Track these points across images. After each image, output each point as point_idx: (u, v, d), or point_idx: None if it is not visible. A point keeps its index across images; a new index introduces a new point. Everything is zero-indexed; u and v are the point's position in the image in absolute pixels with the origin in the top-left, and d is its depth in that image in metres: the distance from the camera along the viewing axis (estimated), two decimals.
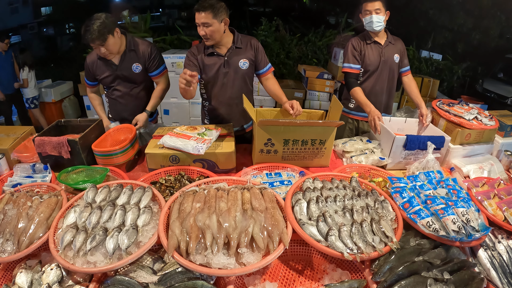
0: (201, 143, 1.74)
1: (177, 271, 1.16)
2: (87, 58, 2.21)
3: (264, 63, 2.15)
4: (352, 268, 1.29)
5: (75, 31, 9.14)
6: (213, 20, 1.88)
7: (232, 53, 2.06)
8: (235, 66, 2.08)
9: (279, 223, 1.22)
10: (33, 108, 5.01)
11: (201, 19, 1.89)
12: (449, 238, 1.24)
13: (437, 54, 6.24)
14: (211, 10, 1.85)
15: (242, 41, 2.09)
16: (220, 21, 1.91)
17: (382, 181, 1.72)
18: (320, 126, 1.76)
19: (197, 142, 1.75)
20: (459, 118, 1.97)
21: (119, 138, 2.05)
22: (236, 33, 2.09)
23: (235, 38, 2.07)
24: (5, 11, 9.47)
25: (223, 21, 1.93)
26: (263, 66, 2.15)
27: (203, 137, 1.82)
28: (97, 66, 2.19)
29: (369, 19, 2.25)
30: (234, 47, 2.06)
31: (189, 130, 1.89)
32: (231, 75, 2.10)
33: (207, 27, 1.90)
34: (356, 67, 2.35)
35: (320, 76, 4.60)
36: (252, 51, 2.10)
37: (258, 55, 2.12)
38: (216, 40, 1.98)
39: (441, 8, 6.53)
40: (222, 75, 2.09)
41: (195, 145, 1.72)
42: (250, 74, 2.17)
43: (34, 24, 9.79)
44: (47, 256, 1.29)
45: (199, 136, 1.82)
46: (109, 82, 2.24)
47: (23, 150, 1.91)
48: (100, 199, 1.38)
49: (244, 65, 2.09)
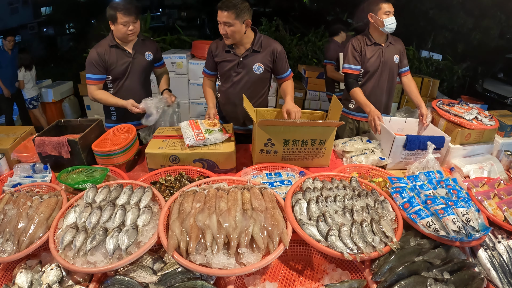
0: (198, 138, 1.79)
1: (177, 271, 1.16)
2: (96, 49, 2.10)
3: (283, 70, 2.12)
4: (352, 268, 1.29)
5: (75, 31, 9.14)
6: (235, 21, 1.86)
7: (249, 55, 2.04)
8: (249, 68, 2.07)
9: (279, 223, 1.22)
10: (32, 109, 5.01)
11: (223, 18, 1.86)
12: (449, 238, 1.24)
13: (437, 54, 6.24)
14: (234, 10, 1.83)
15: (262, 44, 2.05)
16: (242, 21, 1.89)
17: (382, 181, 1.72)
18: (320, 126, 1.76)
19: (196, 135, 1.80)
20: (459, 118, 1.97)
21: (119, 138, 2.05)
22: (258, 35, 2.05)
23: (255, 40, 2.03)
24: (5, 11, 9.46)
25: (245, 22, 1.91)
26: (282, 72, 2.13)
27: (207, 134, 1.84)
28: (110, 55, 2.13)
29: (391, 21, 2.20)
30: (252, 50, 2.03)
31: (206, 124, 1.95)
32: (244, 76, 2.10)
33: (228, 27, 1.89)
34: (356, 68, 2.35)
35: (320, 76, 4.60)
36: (270, 57, 2.07)
37: (278, 62, 2.08)
38: (236, 40, 1.98)
39: (441, 8, 6.53)
40: (234, 74, 2.10)
41: (190, 137, 1.80)
42: (265, 79, 2.16)
43: (34, 24, 9.79)
44: (47, 256, 1.30)
45: (204, 132, 1.86)
46: (122, 71, 2.18)
47: (23, 150, 1.91)
48: (100, 199, 1.38)
49: (258, 69, 2.07)
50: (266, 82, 2.20)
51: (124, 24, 2.02)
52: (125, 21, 2.01)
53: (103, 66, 2.13)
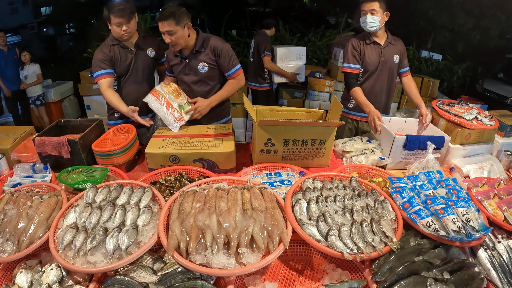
0: (178, 121, 2.00)
1: (177, 271, 1.16)
2: (101, 49, 2.13)
3: (229, 67, 2.10)
4: (352, 268, 1.30)
5: (75, 31, 9.14)
6: (177, 27, 1.92)
7: (193, 56, 2.09)
8: (195, 69, 2.11)
9: (279, 223, 1.22)
10: (40, 106, 5.01)
11: (164, 28, 1.91)
12: (449, 238, 1.24)
13: (437, 54, 6.24)
14: (173, 18, 1.88)
15: (204, 43, 2.07)
16: (183, 26, 1.94)
17: (382, 181, 1.72)
18: (320, 126, 1.76)
19: (175, 119, 1.96)
20: (459, 118, 1.97)
21: (119, 138, 2.05)
22: (200, 34, 2.08)
23: (196, 41, 2.07)
24: (5, 11, 9.46)
25: (186, 26, 1.95)
26: (228, 69, 2.11)
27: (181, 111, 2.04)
28: (114, 53, 2.15)
29: (364, 20, 2.26)
30: (194, 51, 2.07)
31: (173, 96, 2.05)
32: (192, 77, 2.14)
33: (171, 35, 1.94)
34: (356, 67, 2.35)
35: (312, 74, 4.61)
36: (213, 55, 2.08)
37: (220, 59, 2.09)
38: (182, 45, 2.03)
39: (441, 8, 6.53)
40: (184, 76, 2.16)
41: (173, 122, 2.00)
42: (213, 76, 2.16)
43: (34, 24, 9.78)
44: (47, 256, 1.29)
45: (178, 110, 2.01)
46: (126, 67, 2.19)
47: (23, 150, 1.91)
48: (100, 199, 1.38)
49: (203, 69, 2.11)
50: (216, 79, 2.18)
51: (117, 25, 2.03)
52: (118, 22, 2.02)
53: (109, 61, 2.14)
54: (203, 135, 1.94)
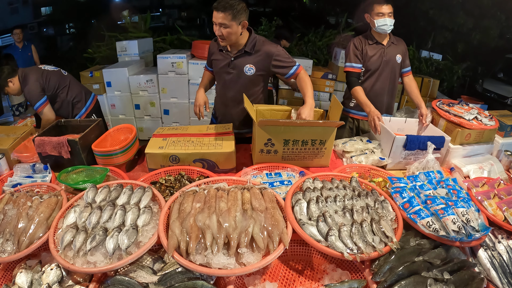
0: None
1: (177, 271, 1.16)
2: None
3: (285, 70, 1.99)
4: (352, 268, 1.30)
5: (75, 31, 9.13)
6: (232, 22, 1.79)
7: (240, 56, 1.99)
8: (240, 69, 2.01)
9: (279, 223, 1.22)
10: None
11: (219, 19, 1.79)
12: (449, 238, 1.24)
13: (437, 54, 6.23)
14: (231, 11, 1.76)
15: (255, 46, 1.96)
16: (238, 23, 1.82)
17: (382, 181, 1.72)
18: (320, 126, 1.76)
19: None
20: (459, 118, 1.97)
21: (119, 138, 2.05)
22: (252, 35, 1.97)
23: (248, 41, 1.96)
24: (5, 11, 9.46)
25: (241, 23, 1.84)
26: (285, 73, 2.00)
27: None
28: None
29: (383, 22, 2.22)
30: (244, 51, 1.97)
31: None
32: (234, 77, 2.05)
33: (224, 28, 1.81)
34: (357, 66, 2.36)
35: (325, 76, 4.61)
36: (265, 60, 1.97)
37: (278, 64, 1.97)
38: (231, 42, 1.91)
39: (441, 8, 6.52)
40: (225, 74, 2.07)
41: None
42: (258, 81, 2.08)
43: (34, 24, 9.78)
44: (47, 256, 1.29)
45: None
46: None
47: (23, 150, 1.91)
48: (100, 199, 1.38)
49: (249, 71, 2.00)
50: (259, 84, 2.11)
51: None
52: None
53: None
54: (203, 134, 1.94)
